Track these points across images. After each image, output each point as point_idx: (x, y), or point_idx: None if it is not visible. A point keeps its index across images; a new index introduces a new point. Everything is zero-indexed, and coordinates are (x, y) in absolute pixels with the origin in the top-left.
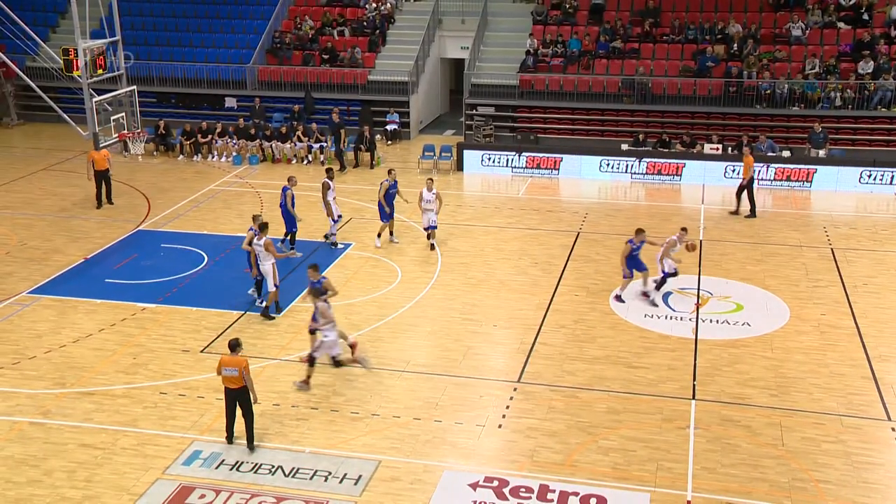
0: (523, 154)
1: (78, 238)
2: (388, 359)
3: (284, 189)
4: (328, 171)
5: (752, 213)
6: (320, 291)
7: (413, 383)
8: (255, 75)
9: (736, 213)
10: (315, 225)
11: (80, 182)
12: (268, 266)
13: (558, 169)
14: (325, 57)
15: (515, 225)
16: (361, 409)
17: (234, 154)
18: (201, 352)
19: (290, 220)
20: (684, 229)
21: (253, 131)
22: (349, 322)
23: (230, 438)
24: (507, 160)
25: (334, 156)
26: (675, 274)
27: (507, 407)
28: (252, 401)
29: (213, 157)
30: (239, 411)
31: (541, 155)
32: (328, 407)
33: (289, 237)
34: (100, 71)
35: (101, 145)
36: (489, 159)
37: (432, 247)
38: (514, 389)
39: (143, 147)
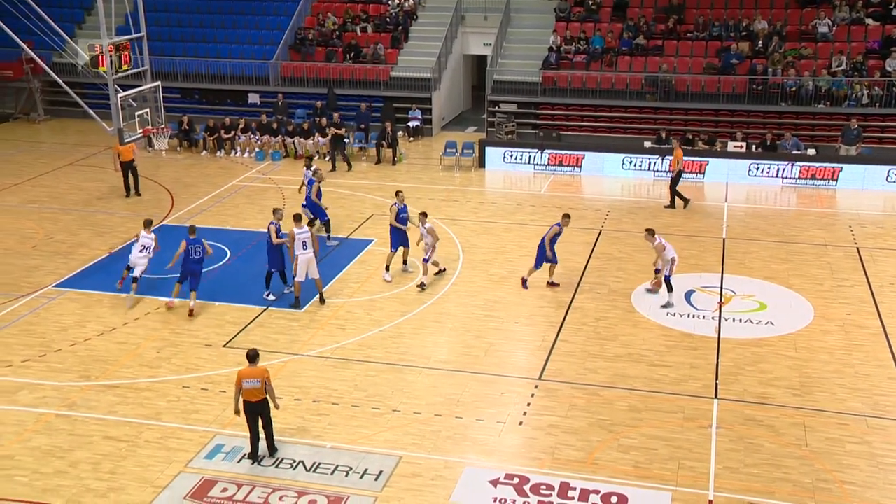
0: (545, 151)
1: (103, 232)
2: (409, 355)
3: (310, 182)
4: (308, 158)
5: (672, 205)
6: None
7: (434, 380)
8: (278, 71)
9: (671, 206)
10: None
11: (104, 177)
12: (309, 255)
13: (580, 166)
14: (348, 53)
15: (537, 222)
16: (383, 405)
17: (257, 150)
18: (224, 346)
19: (320, 211)
20: (567, 216)
21: (275, 127)
22: (371, 318)
23: (255, 456)
24: (530, 157)
25: (330, 153)
26: (552, 261)
27: (529, 404)
28: (273, 407)
29: (235, 153)
30: (261, 424)
31: (563, 152)
32: (349, 402)
33: (322, 226)
34: (125, 67)
35: (127, 140)
36: (511, 156)
37: (421, 287)
38: (536, 387)
39: (166, 142)
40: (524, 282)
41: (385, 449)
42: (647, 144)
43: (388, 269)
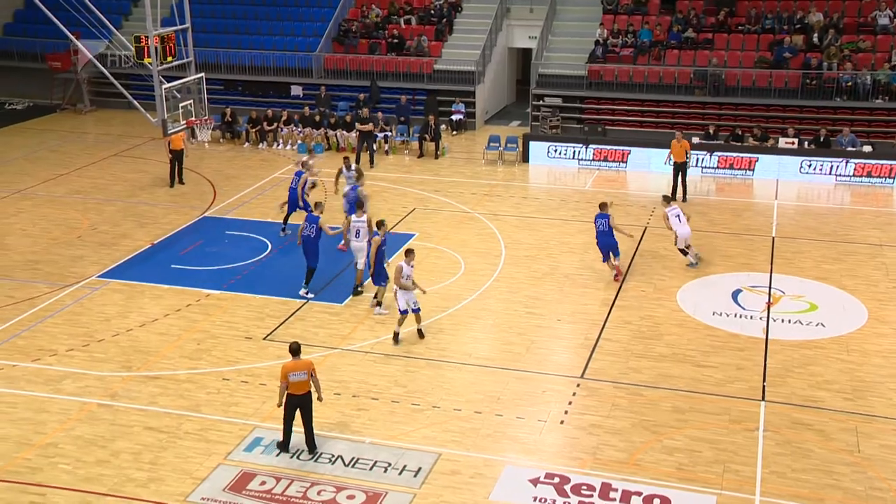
0: (590, 146)
1: (146, 223)
2: (449, 351)
3: (298, 173)
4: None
5: (672, 196)
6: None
7: (475, 376)
8: (321, 63)
9: (683, 199)
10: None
11: (148, 168)
12: (362, 244)
13: (626, 162)
14: (392, 45)
15: (581, 218)
16: (422, 401)
17: (299, 142)
18: (264, 339)
19: (303, 205)
20: (602, 204)
21: (318, 119)
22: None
23: (287, 446)
24: (574, 152)
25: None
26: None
27: (570, 403)
28: (317, 399)
29: (278, 145)
30: (298, 418)
31: (608, 147)
32: (389, 398)
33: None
34: (169, 58)
35: (169, 132)
36: (555, 151)
37: (420, 333)
38: (577, 385)
39: (209, 134)
40: (616, 276)
41: (424, 445)
42: (696, 140)
43: (380, 304)
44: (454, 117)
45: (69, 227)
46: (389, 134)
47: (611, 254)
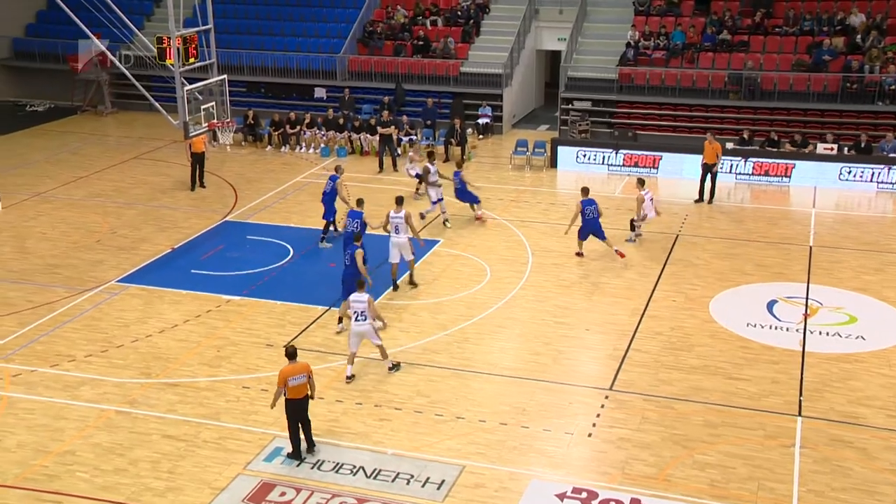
0: (620, 151)
1: (166, 227)
2: (474, 361)
3: (333, 178)
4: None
5: (700, 199)
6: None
7: (500, 387)
8: (345, 65)
9: (710, 201)
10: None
11: (169, 171)
12: (404, 239)
13: (657, 168)
14: (418, 47)
15: (610, 226)
16: (446, 412)
17: (322, 146)
18: (285, 346)
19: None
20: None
21: (342, 123)
22: (436, 321)
23: (299, 454)
24: (604, 157)
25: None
26: None
27: (598, 415)
28: (310, 398)
29: (300, 149)
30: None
31: (639, 153)
32: (412, 408)
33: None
34: (192, 60)
35: (191, 134)
36: (584, 156)
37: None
38: (606, 397)
39: (231, 137)
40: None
41: (448, 457)
42: (730, 146)
43: (340, 321)
44: (481, 121)
45: (89, 230)
46: (414, 138)
47: (604, 239)
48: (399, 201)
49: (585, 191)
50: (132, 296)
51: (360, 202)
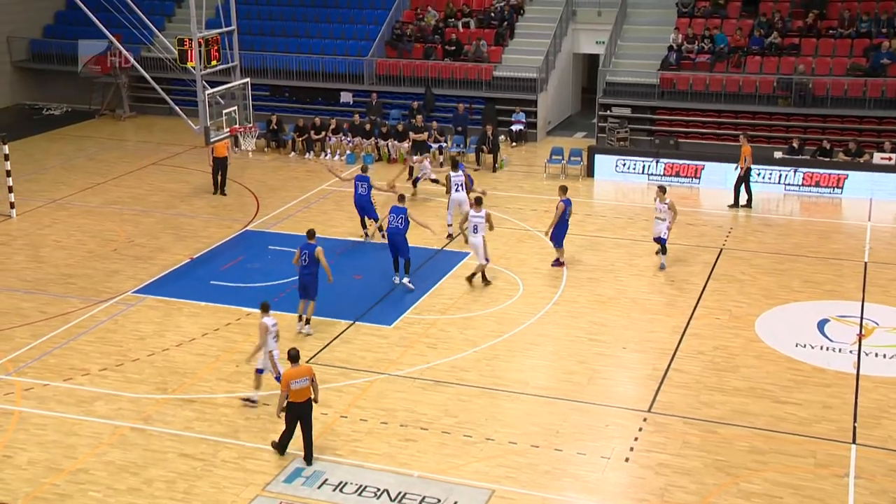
0: (661, 160)
1: (184, 237)
2: (505, 379)
3: (359, 178)
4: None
5: (749, 203)
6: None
7: (532, 407)
8: (373, 69)
9: (735, 205)
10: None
11: (188, 178)
12: (479, 239)
13: (700, 178)
14: (449, 50)
15: (650, 238)
16: (475, 433)
17: (348, 152)
18: (307, 362)
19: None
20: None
21: (368, 128)
22: (464, 337)
23: (283, 450)
24: (644, 167)
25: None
26: None
27: (636, 439)
28: (313, 401)
29: (326, 156)
30: (299, 427)
31: (681, 162)
32: (439, 428)
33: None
34: (214, 62)
35: (212, 140)
36: (623, 165)
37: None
38: (644, 420)
39: (253, 143)
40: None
41: (476, 481)
42: (778, 155)
43: (308, 322)
44: (514, 127)
45: (105, 239)
46: (444, 145)
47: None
48: (479, 202)
49: (564, 189)
50: (149, 307)
51: (402, 197)
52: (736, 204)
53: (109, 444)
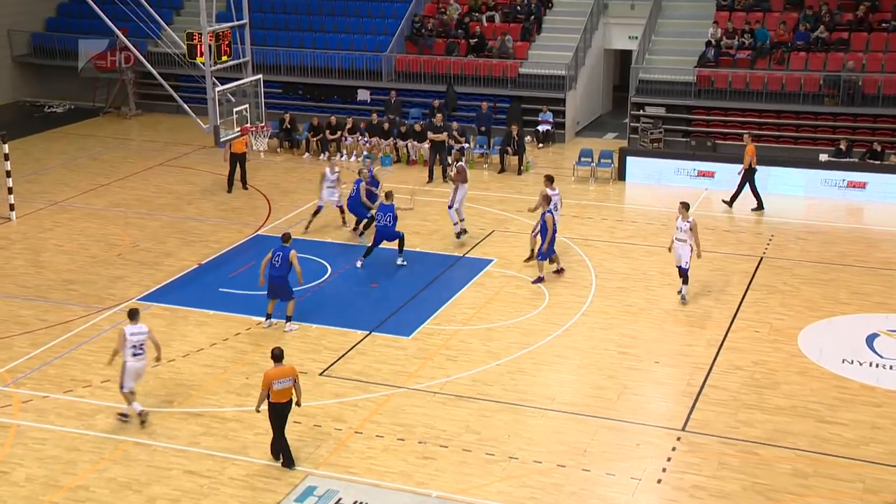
0: (698, 162)
1: (192, 241)
2: (530, 394)
3: (358, 182)
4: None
5: (759, 206)
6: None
7: (558, 424)
8: (391, 65)
9: (730, 205)
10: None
11: (196, 179)
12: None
13: (738, 181)
14: (472, 45)
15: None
16: (497, 451)
17: (365, 153)
18: (320, 374)
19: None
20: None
21: (387, 128)
22: (487, 349)
23: (292, 460)
24: (678, 170)
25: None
26: None
27: (669, 459)
28: (296, 405)
29: (341, 157)
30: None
31: (718, 165)
32: (459, 446)
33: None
34: (224, 58)
35: (222, 139)
36: (656, 168)
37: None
38: (678, 439)
39: (265, 143)
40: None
41: (499, 502)
42: (823, 158)
43: (289, 318)
44: (541, 128)
45: (109, 243)
46: (466, 146)
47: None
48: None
49: (550, 179)
50: (154, 316)
51: (388, 195)
52: (730, 205)
53: (111, 460)
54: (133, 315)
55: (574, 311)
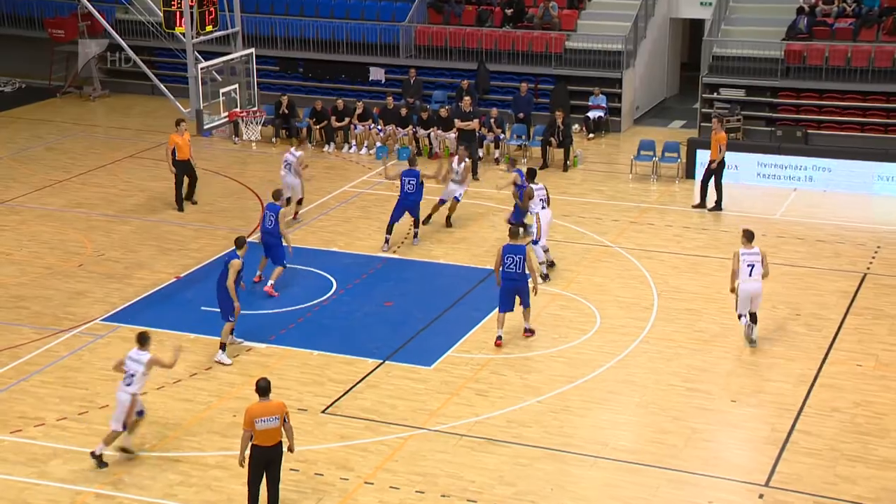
0: (785, 157)
1: (169, 250)
2: (577, 438)
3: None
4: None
5: (718, 206)
6: None
7: (611, 475)
8: (410, 38)
9: (701, 205)
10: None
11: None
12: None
13: (836, 180)
14: (508, 15)
15: (769, 258)
16: None
17: (379, 144)
18: (323, 412)
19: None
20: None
21: (405, 114)
22: (525, 383)
23: None
24: (760, 165)
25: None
26: None
27: None
28: (287, 450)
29: (349, 148)
30: (265, 480)
31: (811, 159)
32: (491, 500)
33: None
34: (209, 28)
35: (207, 126)
36: (734, 164)
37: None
38: (760, 496)
39: (258, 131)
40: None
41: None
42: None
43: (223, 348)
44: (591, 114)
45: (67, 251)
46: (502, 136)
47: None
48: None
49: (532, 173)
50: (123, 339)
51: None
52: (702, 204)
53: None
54: (142, 340)
55: (632, 337)
